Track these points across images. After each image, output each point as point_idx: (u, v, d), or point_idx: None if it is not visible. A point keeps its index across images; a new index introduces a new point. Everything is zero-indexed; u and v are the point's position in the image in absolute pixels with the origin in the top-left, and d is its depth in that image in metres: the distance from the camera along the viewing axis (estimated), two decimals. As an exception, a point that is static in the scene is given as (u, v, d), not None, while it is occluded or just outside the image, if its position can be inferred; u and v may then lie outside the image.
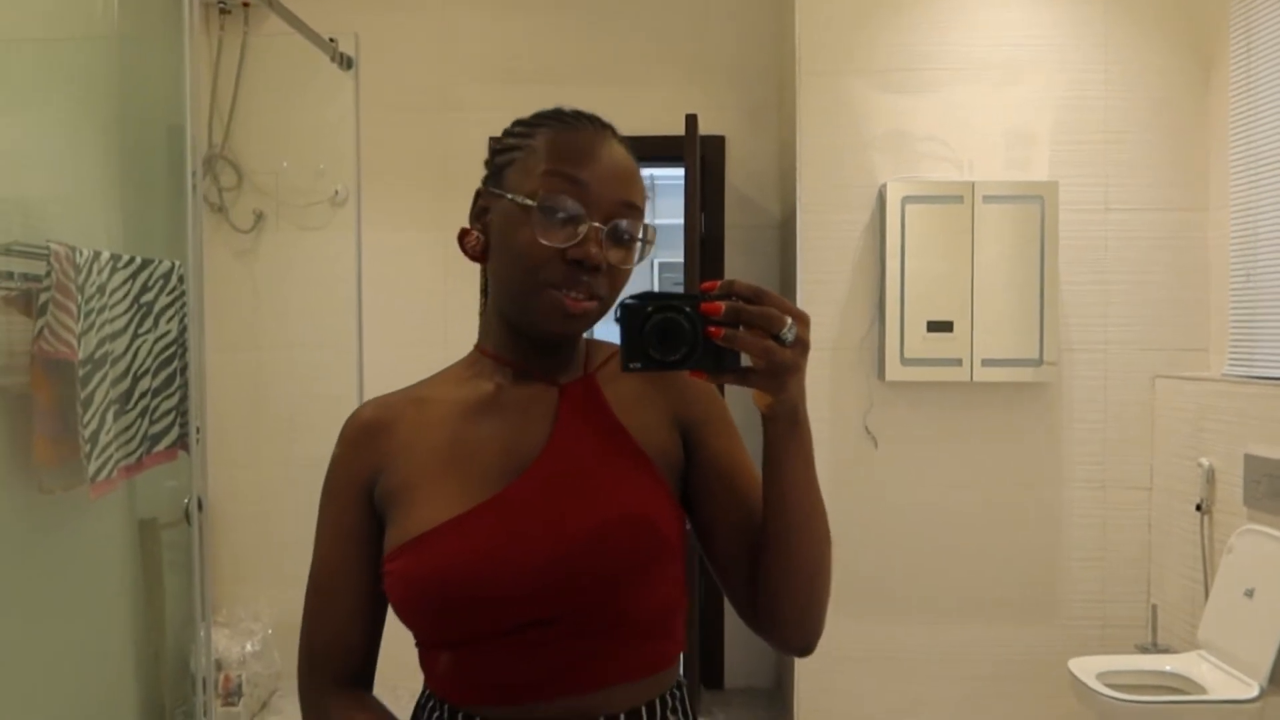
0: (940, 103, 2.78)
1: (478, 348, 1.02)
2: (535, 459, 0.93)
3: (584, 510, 0.90)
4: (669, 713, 0.94)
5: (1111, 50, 2.76)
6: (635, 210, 0.93)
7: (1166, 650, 2.66)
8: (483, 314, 1.04)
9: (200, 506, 2.16)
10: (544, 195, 0.90)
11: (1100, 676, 2.29)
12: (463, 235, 0.98)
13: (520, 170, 0.94)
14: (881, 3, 2.78)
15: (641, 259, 0.96)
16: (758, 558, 0.92)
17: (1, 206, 2.04)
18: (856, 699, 2.84)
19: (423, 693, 0.98)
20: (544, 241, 0.89)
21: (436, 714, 0.94)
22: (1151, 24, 2.75)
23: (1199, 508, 2.57)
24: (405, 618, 0.91)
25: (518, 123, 0.99)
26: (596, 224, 0.90)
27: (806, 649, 0.93)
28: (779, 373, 0.80)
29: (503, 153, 0.97)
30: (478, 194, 0.98)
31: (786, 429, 0.86)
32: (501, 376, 0.99)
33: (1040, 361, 2.69)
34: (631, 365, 0.82)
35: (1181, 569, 2.68)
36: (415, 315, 3.32)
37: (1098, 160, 2.76)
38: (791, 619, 0.91)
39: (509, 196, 0.92)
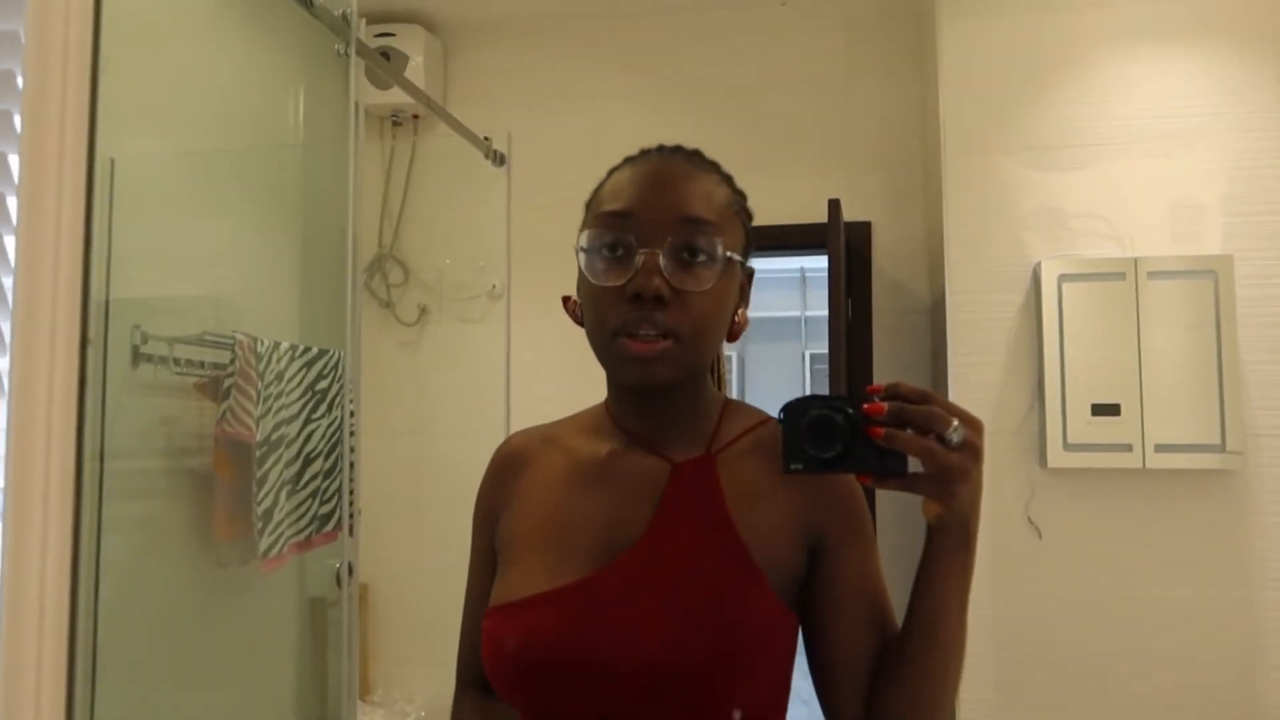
0: (1096, 177, 2.68)
1: (604, 404, 1.03)
2: (630, 546, 0.88)
3: (669, 608, 0.84)
4: None
5: (1287, 117, 2.61)
6: (700, 224, 0.87)
7: (1392, 775, 2.35)
8: None
9: (351, 571, 2.26)
10: (587, 235, 0.88)
11: (1310, 800, 2.05)
12: (565, 301, 0.98)
13: (585, 221, 0.92)
14: (1029, 79, 2.74)
15: (724, 277, 0.88)
16: (883, 674, 0.86)
17: (198, 302, 2.25)
18: (1027, 814, 2.63)
19: None
20: (596, 283, 0.87)
21: None
22: (1330, 88, 2.60)
23: None
24: (488, 676, 0.91)
25: None
26: (653, 250, 0.84)
27: None
28: (946, 478, 0.76)
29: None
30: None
31: (952, 545, 0.80)
32: (617, 441, 0.96)
33: (1223, 448, 2.49)
34: (793, 466, 0.79)
35: (1405, 682, 2.38)
36: (558, 403, 3.38)
37: (1278, 232, 2.59)
38: None
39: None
